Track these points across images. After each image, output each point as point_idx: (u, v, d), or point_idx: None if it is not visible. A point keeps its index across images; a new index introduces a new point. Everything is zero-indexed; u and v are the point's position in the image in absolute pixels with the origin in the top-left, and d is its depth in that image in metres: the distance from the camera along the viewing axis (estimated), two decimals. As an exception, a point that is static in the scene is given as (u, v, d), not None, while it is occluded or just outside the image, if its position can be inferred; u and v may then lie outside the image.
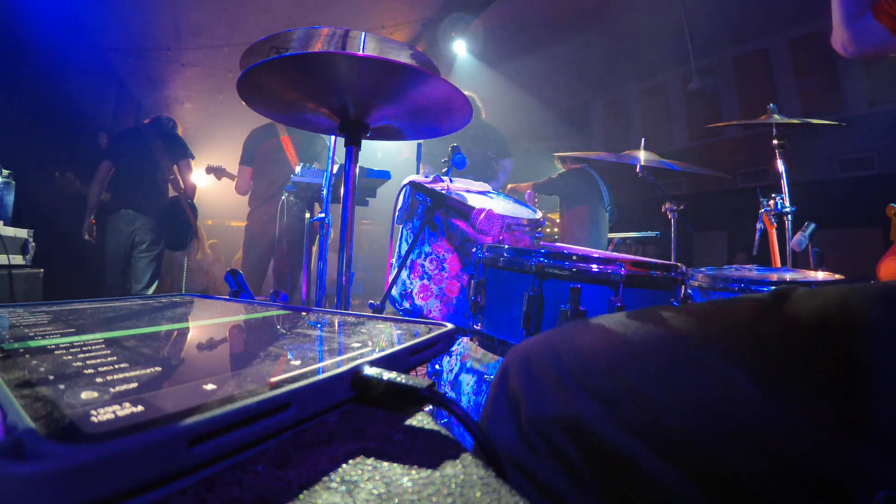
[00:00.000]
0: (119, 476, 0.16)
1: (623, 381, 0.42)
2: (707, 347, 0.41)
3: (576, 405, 0.43)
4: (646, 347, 0.44)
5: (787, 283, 1.22)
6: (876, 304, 0.38)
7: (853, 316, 0.38)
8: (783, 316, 0.41)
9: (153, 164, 2.90)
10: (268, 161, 2.95)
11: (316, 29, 1.17)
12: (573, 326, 0.51)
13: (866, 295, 0.39)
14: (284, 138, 2.94)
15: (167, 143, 2.98)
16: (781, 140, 2.10)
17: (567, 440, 0.42)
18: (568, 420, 0.42)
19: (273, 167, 2.93)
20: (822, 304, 0.40)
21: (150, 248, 2.89)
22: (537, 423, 0.44)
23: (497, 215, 1.17)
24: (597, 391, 0.42)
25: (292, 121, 1.13)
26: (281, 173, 2.90)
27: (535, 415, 0.44)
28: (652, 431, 0.39)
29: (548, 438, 0.43)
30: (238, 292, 0.62)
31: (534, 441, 0.43)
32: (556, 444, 0.42)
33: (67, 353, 0.29)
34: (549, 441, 0.43)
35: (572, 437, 0.42)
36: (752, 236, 2.10)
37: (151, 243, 2.89)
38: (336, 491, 0.20)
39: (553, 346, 0.48)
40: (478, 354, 1.35)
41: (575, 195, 3.43)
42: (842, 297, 0.40)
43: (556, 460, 0.42)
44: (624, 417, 0.40)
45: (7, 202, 2.52)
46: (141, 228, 2.85)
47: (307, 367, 0.28)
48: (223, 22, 4.43)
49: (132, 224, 2.84)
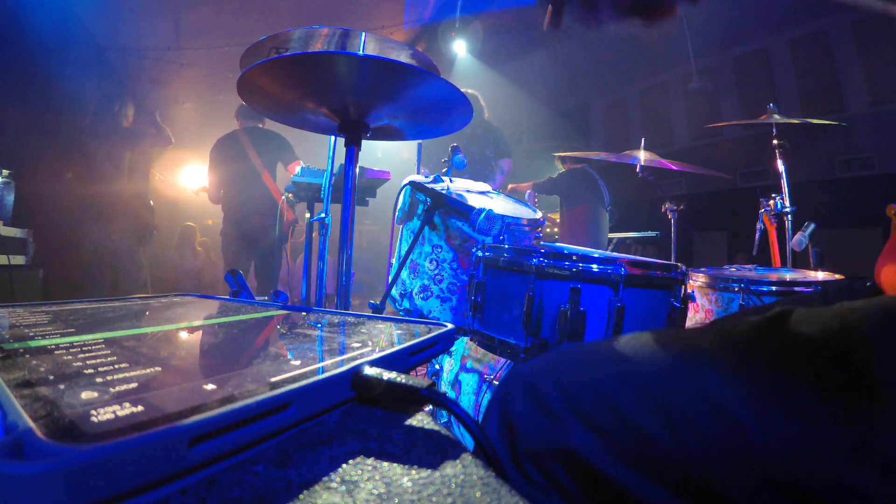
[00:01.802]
0: (119, 476, 0.16)
1: (617, 411, 0.42)
2: (702, 374, 0.41)
3: (570, 436, 0.42)
4: (639, 375, 0.43)
5: (786, 282, 1.21)
6: (877, 327, 0.38)
7: (854, 340, 0.37)
8: (781, 341, 0.40)
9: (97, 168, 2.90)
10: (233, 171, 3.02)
11: (316, 29, 1.17)
12: (568, 353, 0.51)
13: (866, 316, 0.39)
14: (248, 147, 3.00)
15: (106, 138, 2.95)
16: (781, 140, 2.10)
17: (562, 471, 0.42)
18: (562, 452, 0.42)
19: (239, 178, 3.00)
20: (821, 328, 0.40)
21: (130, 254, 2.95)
22: (532, 454, 0.44)
23: (497, 215, 1.17)
24: (590, 421, 0.42)
25: (292, 121, 1.13)
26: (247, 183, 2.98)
27: (530, 446, 0.44)
28: (647, 461, 0.39)
29: (543, 469, 0.43)
30: (238, 292, 0.62)
31: (529, 471, 0.43)
32: (551, 475, 0.42)
33: (67, 353, 0.29)
34: (545, 472, 0.43)
35: (567, 468, 0.42)
36: (752, 236, 2.10)
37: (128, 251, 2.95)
38: (336, 491, 0.20)
39: (548, 374, 0.48)
40: (478, 354, 1.35)
41: (575, 195, 3.43)
42: (841, 319, 0.40)
43: (551, 491, 0.42)
44: (618, 448, 0.40)
45: (7, 202, 2.52)
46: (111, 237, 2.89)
47: (307, 368, 0.28)
48: (223, 22, 4.43)
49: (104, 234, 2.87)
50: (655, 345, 0.45)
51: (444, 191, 1.28)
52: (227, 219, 3.08)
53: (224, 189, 3.09)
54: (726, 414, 0.38)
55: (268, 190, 2.96)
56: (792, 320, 0.42)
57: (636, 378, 0.43)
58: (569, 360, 0.49)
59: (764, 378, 0.39)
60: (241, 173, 2.99)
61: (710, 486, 0.37)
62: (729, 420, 0.38)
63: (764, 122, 2.08)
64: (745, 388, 0.38)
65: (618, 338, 0.49)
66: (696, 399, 0.39)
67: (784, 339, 0.40)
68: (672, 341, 0.45)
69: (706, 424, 0.38)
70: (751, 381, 0.39)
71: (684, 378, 0.41)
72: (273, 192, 2.96)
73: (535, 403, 0.46)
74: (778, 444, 0.36)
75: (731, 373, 0.40)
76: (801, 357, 0.39)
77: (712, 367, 0.41)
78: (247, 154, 2.99)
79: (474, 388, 1.28)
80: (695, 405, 0.39)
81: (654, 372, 0.43)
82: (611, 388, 0.43)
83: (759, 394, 0.38)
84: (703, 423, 0.38)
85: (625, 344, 0.47)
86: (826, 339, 0.39)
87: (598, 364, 0.46)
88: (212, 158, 3.07)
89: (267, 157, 3.00)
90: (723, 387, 0.39)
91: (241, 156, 2.99)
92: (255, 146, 3.00)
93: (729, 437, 0.37)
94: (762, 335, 0.42)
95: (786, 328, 0.41)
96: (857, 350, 0.37)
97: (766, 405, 0.37)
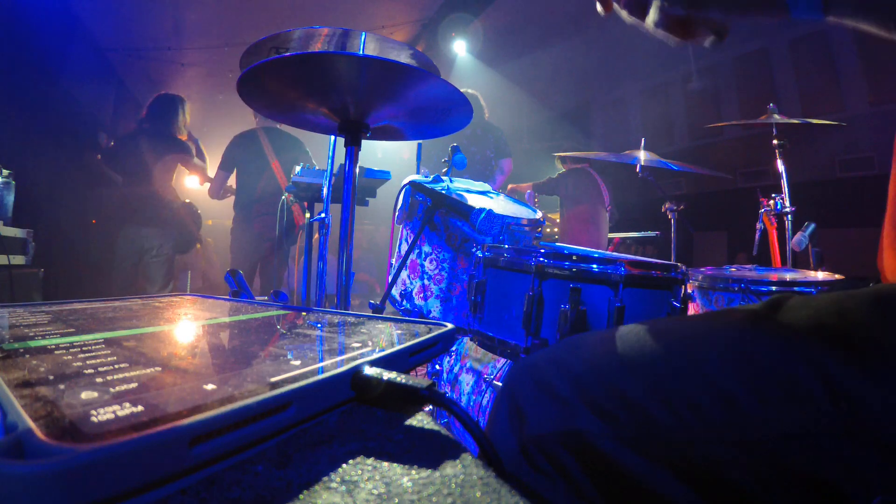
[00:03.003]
0: (119, 476, 0.16)
1: (622, 395, 0.42)
2: (703, 359, 0.41)
3: (576, 420, 0.43)
4: (643, 360, 0.44)
5: (787, 282, 1.22)
6: (870, 309, 0.38)
7: (848, 322, 0.38)
8: (777, 325, 0.41)
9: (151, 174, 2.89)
10: (251, 170, 2.99)
11: (316, 29, 1.17)
12: (575, 340, 0.52)
13: (860, 300, 0.40)
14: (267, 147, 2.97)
15: (162, 145, 2.93)
16: (781, 140, 2.10)
17: (568, 456, 0.42)
18: (569, 436, 0.43)
19: (256, 177, 2.97)
20: (815, 312, 0.40)
21: (160, 250, 2.91)
22: (539, 440, 0.44)
23: (497, 215, 1.17)
24: (597, 406, 0.43)
25: (292, 120, 1.13)
26: (264, 182, 2.95)
27: (537, 432, 0.44)
28: (652, 444, 0.40)
29: (550, 455, 0.43)
30: (238, 292, 0.62)
31: (536, 458, 0.44)
32: (557, 459, 0.43)
33: (67, 353, 0.29)
34: (551, 457, 0.43)
35: (573, 451, 0.42)
36: (752, 236, 2.10)
37: (160, 247, 2.91)
38: (336, 491, 0.20)
39: (556, 361, 0.48)
40: (478, 354, 1.35)
41: (575, 195, 3.43)
42: (836, 303, 0.40)
43: (558, 477, 0.42)
44: (624, 431, 0.41)
45: (7, 202, 2.52)
46: (147, 236, 2.87)
47: (307, 368, 0.28)
48: (223, 22, 4.43)
49: (139, 233, 2.86)
50: (659, 331, 0.46)
51: (444, 191, 1.28)
52: (239, 217, 3.04)
53: (238, 186, 3.05)
54: (725, 393, 0.39)
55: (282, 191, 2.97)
56: (788, 305, 0.43)
57: (640, 362, 0.44)
58: (576, 348, 0.49)
59: (761, 358, 0.39)
60: (258, 172, 2.97)
61: (711, 467, 0.38)
62: (728, 400, 0.38)
63: (764, 122, 2.08)
64: (743, 368, 0.39)
65: (623, 326, 0.50)
66: (697, 380, 0.40)
67: (780, 324, 0.41)
68: (674, 327, 0.46)
69: (706, 405, 0.39)
70: (749, 362, 0.40)
71: (685, 360, 0.42)
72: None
73: (543, 389, 0.46)
74: (780, 427, 0.36)
75: (729, 354, 0.41)
76: (798, 338, 0.39)
77: (711, 349, 0.41)
78: (265, 154, 2.97)
79: (474, 388, 1.28)
80: (695, 386, 0.40)
81: (657, 356, 0.44)
82: (616, 372, 0.44)
83: (756, 373, 0.39)
84: (703, 403, 0.39)
85: (629, 331, 0.48)
86: (822, 323, 0.39)
87: (604, 351, 0.47)
88: (227, 155, 3.03)
89: (284, 158, 2.97)
90: (722, 367, 0.40)
91: (259, 155, 2.97)
92: (275, 147, 2.98)
93: (732, 420, 0.38)
94: (760, 318, 0.43)
95: (782, 314, 0.42)
96: (851, 330, 0.38)
97: (764, 385, 0.38)
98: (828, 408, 0.35)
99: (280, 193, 2.78)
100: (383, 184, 2.15)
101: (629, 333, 0.47)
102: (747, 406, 0.37)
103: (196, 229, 3.10)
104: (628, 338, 0.47)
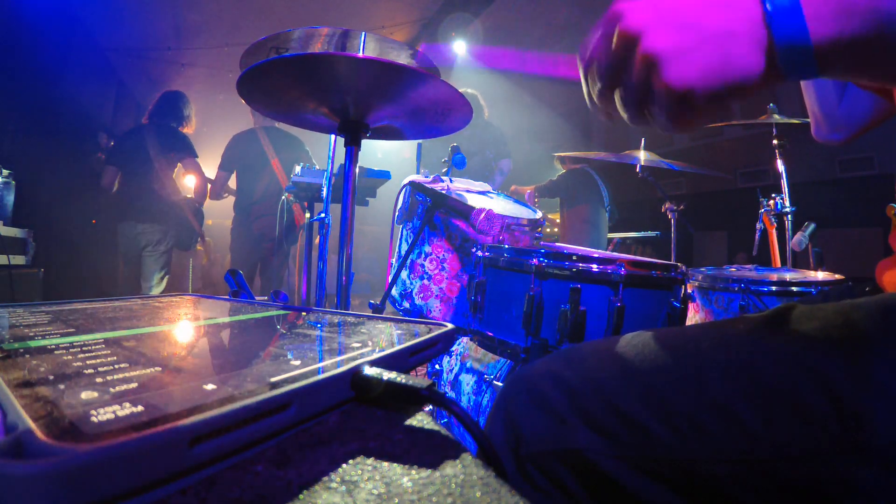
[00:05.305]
0: (119, 476, 0.16)
1: (620, 411, 0.41)
2: (705, 375, 0.40)
3: (575, 437, 0.42)
4: (641, 375, 0.43)
5: (787, 282, 1.21)
6: (878, 321, 0.37)
7: (856, 335, 0.37)
8: (783, 338, 0.40)
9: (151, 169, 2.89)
10: (251, 170, 2.98)
11: (316, 29, 1.17)
12: (570, 353, 0.50)
13: (868, 311, 0.38)
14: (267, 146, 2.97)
15: (166, 144, 2.93)
16: (781, 140, 2.10)
17: (567, 473, 0.42)
18: (567, 453, 0.42)
19: (256, 177, 2.97)
20: (821, 324, 0.39)
21: (157, 246, 2.91)
22: (536, 456, 0.43)
23: (497, 215, 1.17)
24: (594, 422, 0.42)
25: (292, 120, 1.13)
26: (264, 182, 2.95)
27: (534, 450, 0.44)
28: (651, 461, 0.39)
29: (547, 472, 0.42)
30: (238, 292, 0.62)
31: (534, 476, 0.43)
32: (556, 477, 0.42)
33: (67, 353, 0.29)
34: (550, 475, 0.42)
35: (572, 469, 0.41)
36: (752, 236, 2.10)
37: (157, 242, 2.91)
38: (336, 491, 0.20)
39: (551, 375, 0.47)
40: (478, 354, 1.35)
41: (575, 195, 3.43)
42: (843, 315, 0.39)
43: (558, 495, 0.42)
44: (623, 449, 0.40)
45: (7, 202, 2.52)
46: (146, 231, 2.88)
47: (307, 367, 0.28)
48: (223, 22, 4.43)
49: (135, 229, 2.86)
50: (656, 344, 0.45)
51: (444, 191, 1.28)
52: (239, 218, 3.04)
53: (238, 186, 3.05)
54: (729, 411, 0.38)
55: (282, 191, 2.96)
56: (794, 317, 0.41)
57: (638, 378, 0.43)
58: (571, 361, 0.48)
59: (766, 374, 0.38)
60: (258, 172, 2.97)
61: (713, 485, 0.37)
62: (731, 418, 0.37)
63: (764, 122, 2.08)
64: (747, 385, 0.38)
65: (619, 337, 0.49)
66: (698, 397, 0.39)
67: (786, 336, 0.40)
68: (673, 340, 0.45)
69: (709, 423, 0.38)
70: (753, 378, 0.38)
71: (685, 377, 0.41)
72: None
73: (538, 405, 0.45)
74: (781, 442, 0.36)
75: (732, 370, 0.39)
76: (804, 352, 0.38)
77: (714, 365, 0.40)
78: (265, 153, 2.96)
79: (474, 388, 1.28)
80: (696, 404, 0.39)
81: (656, 371, 0.42)
82: (614, 388, 0.43)
83: (761, 391, 0.38)
84: (705, 421, 0.38)
85: (626, 344, 0.46)
86: (829, 337, 0.38)
87: (600, 365, 0.46)
88: (227, 155, 3.03)
89: (284, 156, 2.97)
90: (724, 385, 0.39)
91: (259, 154, 2.97)
92: (275, 145, 2.98)
93: (733, 437, 0.37)
94: (763, 332, 0.42)
95: (788, 325, 0.41)
96: (859, 343, 0.37)
97: (769, 403, 0.37)
98: (834, 426, 0.34)
99: (280, 194, 2.78)
100: (383, 184, 2.15)
101: (626, 346, 0.46)
102: (752, 425, 0.36)
103: (198, 225, 3.10)
104: (626, 350, 0.45)
